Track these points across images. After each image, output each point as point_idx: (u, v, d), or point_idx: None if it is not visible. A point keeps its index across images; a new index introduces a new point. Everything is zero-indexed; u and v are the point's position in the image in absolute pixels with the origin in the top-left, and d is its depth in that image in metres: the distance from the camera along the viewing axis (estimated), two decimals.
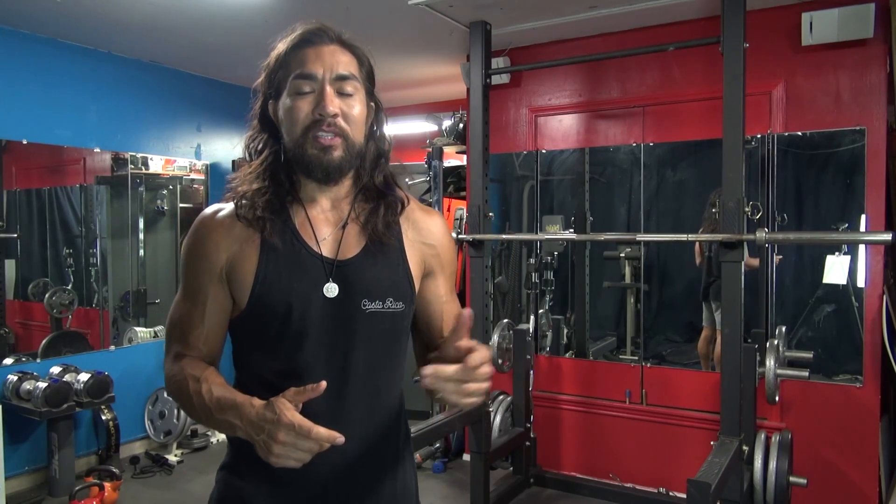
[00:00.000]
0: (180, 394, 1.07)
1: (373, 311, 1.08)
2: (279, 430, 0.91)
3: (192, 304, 1.10)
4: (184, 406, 1.07)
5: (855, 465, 3.09)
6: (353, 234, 1.12)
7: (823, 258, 3.05)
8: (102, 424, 3.90)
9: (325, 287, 1.07)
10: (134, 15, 3.39)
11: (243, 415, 0.96)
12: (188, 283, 1.12)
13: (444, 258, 1.21)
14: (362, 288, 1.08)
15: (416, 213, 1.19)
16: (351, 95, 1.09)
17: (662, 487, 3.48)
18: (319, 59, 1.08)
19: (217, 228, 1.10)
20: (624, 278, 3.96)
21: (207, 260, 1.09)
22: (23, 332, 4.00)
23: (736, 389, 2.61)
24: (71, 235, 4.26)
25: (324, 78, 1.07)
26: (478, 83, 3.38)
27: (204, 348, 1.10)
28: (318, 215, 1.12)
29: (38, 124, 3.77)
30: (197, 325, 1.10)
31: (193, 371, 1.06)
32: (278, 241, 1.08)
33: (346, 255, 1.10)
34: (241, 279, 1.07)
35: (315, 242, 1.10)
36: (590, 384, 3.80)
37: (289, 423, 0.91)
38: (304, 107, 1.07)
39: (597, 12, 3.32)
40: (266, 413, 0.93)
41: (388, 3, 3.23)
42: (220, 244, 1.09)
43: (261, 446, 0.94)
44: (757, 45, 2.78)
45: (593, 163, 3.98)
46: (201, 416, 1.04)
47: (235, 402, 0.99)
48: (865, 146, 3.07)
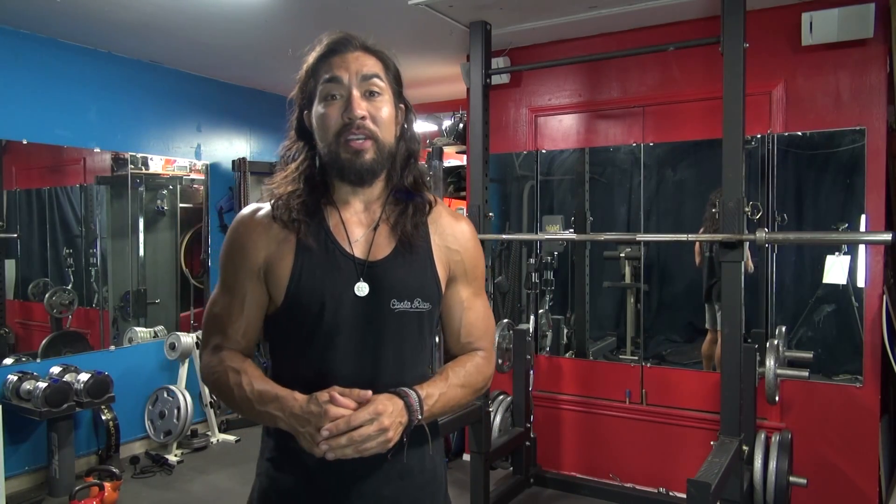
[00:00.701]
0: (220, 385, 1.13)
1: (401, 311, 1.13)
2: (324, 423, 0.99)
3: (232, 298, 1.16)
4: (222, 396, 1.14)
5: (855, 465, 3.09)
6: (383, 236, 1.17)
7: (823, 258, 3.04)
8: (102, 424, 3.90)
9: (357, 286, 1.12)
10: (134, 15, 3.39)
11: (286, 407, 1.03)
12: (227, 279, 1.17)
13: (468, 264, 1.24)
14: (391, 288, 1.13)
15: (443, 219, 1.23)
16: (379, 95, 1.14)
17: (662, 487, 3.48)
18: (345, 65, 1.13)
19: (255, 227, 1.15)
20: (624, 278, 3.96)
21: (246, 257, 1.14)
22: (23, 332, 4.00)
23: (736, 389, 2.61)
24: (71, 235, 4.26)
25: (350, 82, 1.12)
26: (478, 83, 3.38)
27: (243, 341, 1.16)
28: (350, 217, 1.17)
29: (38, 124, 3.77)
30: (236, 319, 1.15)
31: (233, 363, 1.12)
32: (313, 242, 1.13)
33: (377, 255, 1.15)
34: (278, 277, 1.13)
35: (348, 243, 1.15)
36: (590, 384, 3.80)
37: (335, 416, 0.99)
38: (333, 113, 1.12)
39: (597, 12, 3.32)
40: (311, 406, 1.01)
41: (388, 3, 3.23)
42: (259, 243, 1.14)
43: (306, 438, 1.01)
44: (757, 45, 2.78)
45: (593, 163, 3.98)
46: (242, 407, 1.10)
47: (277, 395, 1.05)
48: (865, 146, 3.07)
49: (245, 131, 5.10)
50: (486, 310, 1.29)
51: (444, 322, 1.25)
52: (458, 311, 1.24)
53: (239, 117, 5.02)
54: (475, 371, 1.21)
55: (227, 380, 1.10)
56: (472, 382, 1.20)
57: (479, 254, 1.27)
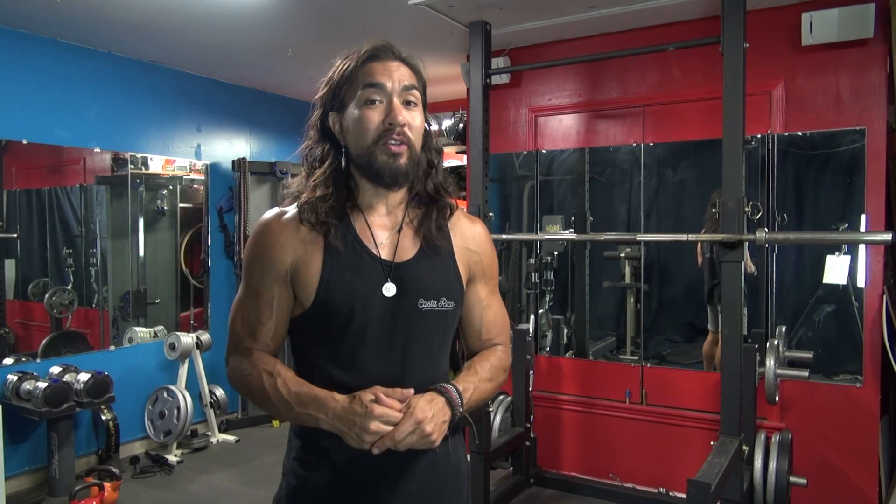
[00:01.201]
0: (252, 388, 1.15)
1: (428, 310, 1.17)
2: (371, 422, 1.04)
3: (259, 301, 1.17)
4: (256, 399, 1.16)
5: (855, 465, 3.09)
6: (408, 238, 1.21)
7: (823, 258, 3.04)
8: (102, 424, 3.90)
9: (385, 287, 1.15)
10: (134, 15, 3.39)
11: (328, 409, 1.07)
12: (254, 282, 1.18)
13: (485, 264, 1.30)
14: (418, 288, 1.17)
15: (462, 221, 1.29)
16: (415, 106, 1.19)
17: (662, 487, 3.48)
18: (387, 73, 1.17)
19: (282, 231, 1.17)
20: (624, 278, 3.96)
21: (273, 260, 1.16)
22: (23, 332, 4.00)
23: (736, 389, 2.61)
24: (71, 235, 4.26)
25: (392, 89, 1.16)
26: (478, 83, 3.38)
27: (272, 343, 1.19)
28: (375, 221, 1.21)
29: (38, 124, 3.77)
30: (266, 321, 1.17)
31: (266, 366, 1.14)
32: (341, 245, 1.16)
33: (403, 257, 1.19)
34: (306, 280, 1.15)
35: (374, 246, 1.18)
36: (590, 384, 3.80)
37: (381, 415, 1.04)
38: (374, 117, 1.15)
39: (597, 12, 3.32)
40: (354, 406, 1.05)
41: (388, 3, 3.23)
42: (286, 246, 1.16)
43: (353, 437, 1.05)
44: (757, 45, 2.78)
45: (593, 163, 3.98)
46: (279, 409, 1.12)
47: (317, 396, 1.09)
48: (865, 146, 3.07)
49: (245, 131, 5.10)
50: (502, 307, 1.35)
51: (465, 321, 1.29)
52: (479, 310, 1.29)
53: (239, 117, 5.02)
54: (499, 365, 1.28)
55: (261, 383, 1.13)
56: (496, 376, 1.26)
57: (494, 254, 1.33)
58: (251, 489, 3.67)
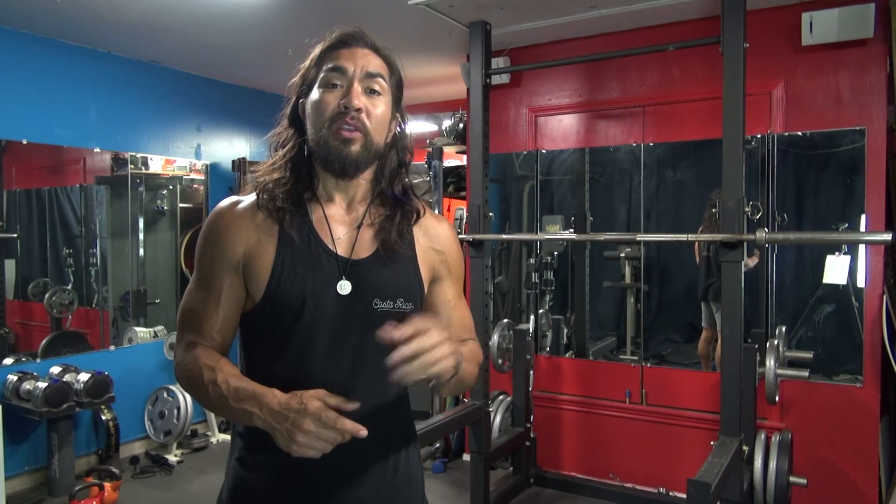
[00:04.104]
0: (193, 382, 1.07)
1: (384, 311, 1.11)
2: (304, 420, 0.93)
3: (207, 293, 1.11)
4: (196, 394, 1.08)
5: (855, 465, 3.09)
6: (366, 236, 1.15)
7: (823, 258, 3.04)
8: (102, 424, 3.90)
9: (339, 284, 1.09)
10: (134, 15, 3.39)
11: (264, 404, 0.98)
12: (203, 272, 1.13)
13: (451, 264, 1.24)
14: (374, 287, 1.11)
15: (428, 220, 1.23)
16: (378, 95, 1.13)
17: (662, 487, 3.48)
18: (352, 58, 1.13)
19: (236, 219, 1.12)
20: (624, 278, 3.96)
21: (224, 249, 1.11)
22: (23, 332, 4.00)
23: (736, 389, 2.61)
24: (71, 235, 4.26)
25: (353, 74, 1.11)
26: (478, 83, 3.38)
27: (217, 337, 1.11)
28: (333, 214, 1.15)
29: (38, 124, 3.77)
30: (211, 315, 1.11)
31: (208, 360, 1.07)
32: (296, 235, 1.10)
33: (360, 255, 1.13)
34: (258, 272, 1.09)
35: (331, 240, 1.12)
36: (590, 384, 3.80)
37: (315, 413, 0.93)
38: (331, 99, 1.11)
39: (597, 12, 3.32)
40: (291, 402, 0.96)
41: (388, 2, 3.23)
42: (239, 235, 1.11)
43: (283, 435, 0.95)
44: (757, 45, 2.78)
45: (593, 163, 3.98)
46: (216, 405, 1.05)
47: (255, 392, 1.00)
48: (865, 146, 3.07)
49: (245, 131, 5.10)
50: (468, 309, 1.31)
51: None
52: (447, 311, 1.23)
53: (239, 117, 5.02)
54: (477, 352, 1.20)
55: (200, 377, 1.05)
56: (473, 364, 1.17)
57: (460, 254, 1.29)
58: None
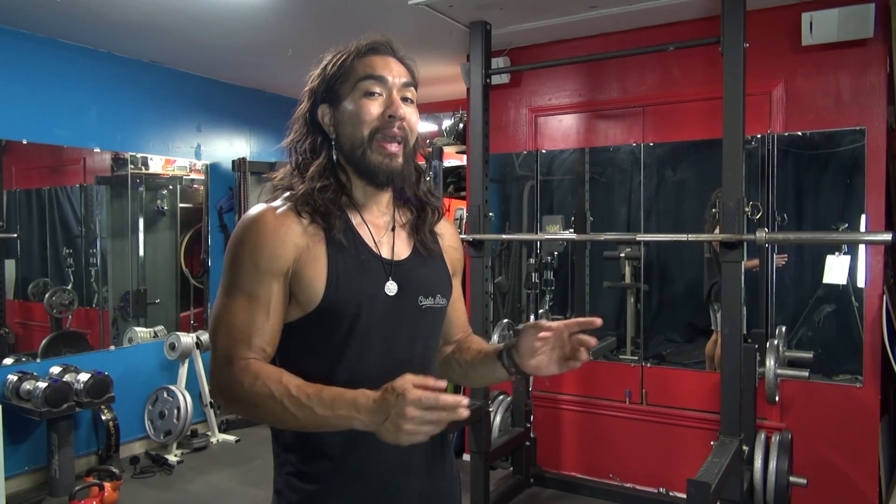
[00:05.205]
0: (255, 400, 1.02)
1: (427, 307, 1.18)
2: (406, 407, 0.92)
3: (254, 303, 1.06)
4: (262, 413, 1.03)
5: (855, 465, 3.09)
6: (402, 237, 1.20)
7: (823, 258, 3.04)
8: (102, 424, 3.90)
9: (387, 286, 1.13)
10: (134, 15, 3.39)
11: (360, 405, 0.96)
12: (244, 282, 1.07)
13: (461, 260, 1.34)
14: (418, 286, 1.17)
15: (443, 221, 1.30)
16: (412, 103, 1.17)
17: (662, 487, 3.48)
18: (388, 67, 1.14)
19: (280, 224, 1.08)
20: (624, 278, 3.96)
21: (271, 257, 1.07)
22: (23, 332, 4.00)
23: (736, 389, 2.61)
24: (71, 235, 4.26)
25: (393, 83, 1.14)
26: (478, 83, 3.38)
27: (269, 350, 1.08)
28: (370, 218, 1.18)
29: (38, 124, 3.77)
30: (261, 327, 1.06)
31: (271, 374, 1.02)
32: (343, 240, 1.11)
33: (401, 255, 1.18)
34: (312, 278, 1.08)
35: (374, 243, 1.16)
36: (590, 384, 3.80)
37: (415, 399, 0.92)
38: (373, 108, 1.12)
39: (597, 12, 3.32)
40: (386, 396, 0.94)
41: (388, 2, 3.23)
42: (288, 241, 1.08)
43: (389, 429, 0.94)
44: (757, 45, 2.78)
45: (593, 163, 3.98)
46: (297, 417, 1.00)
47: (343, 395, 0.98)
48: (865, 146, 3.07)
49: (245, 131, 5.10)
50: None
51: (450, 315, 1.30)
52: (460, 304, 1.34)
53: (239, 117, 5.02)
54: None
55: (269, 393, 1.00)
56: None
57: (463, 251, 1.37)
58: (251, 489, 3.67)
